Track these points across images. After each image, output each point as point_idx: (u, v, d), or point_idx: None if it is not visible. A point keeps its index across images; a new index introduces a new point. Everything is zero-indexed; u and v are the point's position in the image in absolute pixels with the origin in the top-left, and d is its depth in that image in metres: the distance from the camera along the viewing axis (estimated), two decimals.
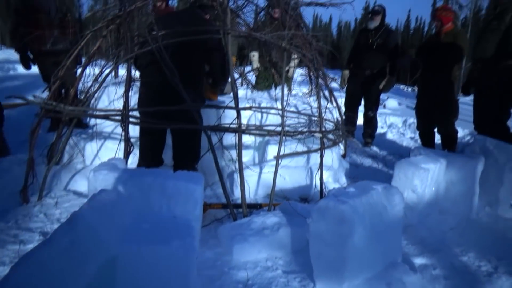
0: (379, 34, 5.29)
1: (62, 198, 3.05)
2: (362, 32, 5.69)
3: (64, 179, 3.38)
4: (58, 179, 3.37)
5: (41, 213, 2.74)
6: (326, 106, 3.19)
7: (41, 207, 2.83)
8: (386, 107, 9.89)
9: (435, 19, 4.69)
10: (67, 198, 3.05)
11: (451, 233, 2.73)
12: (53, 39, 4.44)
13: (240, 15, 3.80)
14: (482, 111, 4.03)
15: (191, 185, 1.95)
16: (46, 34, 4.36)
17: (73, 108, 2.59)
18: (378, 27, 5.32)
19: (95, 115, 2.67)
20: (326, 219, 1.84)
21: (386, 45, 5.26)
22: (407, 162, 2.82)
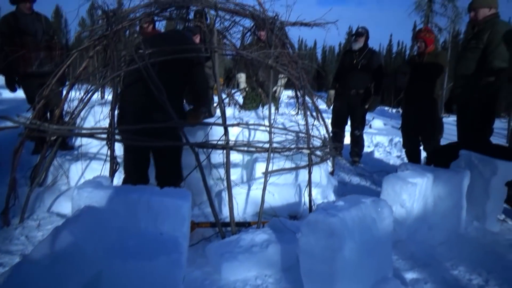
0: (363, 55, 5.44)
1: (45, 220, 2.96)
2: (347, 53, 5.85)
3: (48, 201, 3.29)
4: (41, 201, 3.28)
5: (22, 236, 2.65)
6: (313, 123, 3.21)
7: (23, 230, 2.74)
8: (372, 127, 10.03)
9: (418, 40, 4.84)
10: (50, 220, 2.97)
11: (440, 248, 2.73)
12: (39, 61, 4.42)
13: (227, 36, 3.85)
14: (465, 127, 4.12)
15: (178, 202, 1.91)
16: (32, 56, 4.34)
17: (58, 127, 2.55)
18: (362, 48, 5.48)
19: (81, 133, 2.63)
20: (316, 233, 1.82)
21: (370, 65, 5.41)
22: (395, 176, 2.84)
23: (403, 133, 5.17)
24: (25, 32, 4.32)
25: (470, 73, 3.93)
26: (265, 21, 3.06)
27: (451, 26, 15.86)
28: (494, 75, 3.69)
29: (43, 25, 4.51)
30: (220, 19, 3.54)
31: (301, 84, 2.97)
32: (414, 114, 4.87)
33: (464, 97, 4.00)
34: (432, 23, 16.25)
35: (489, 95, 3.74)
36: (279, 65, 2.83)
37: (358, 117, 5.62)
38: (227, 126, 2.53)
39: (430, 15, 16.25)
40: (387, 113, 17.70)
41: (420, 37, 4.80)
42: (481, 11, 3.94)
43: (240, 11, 3.12)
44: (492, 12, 3.91)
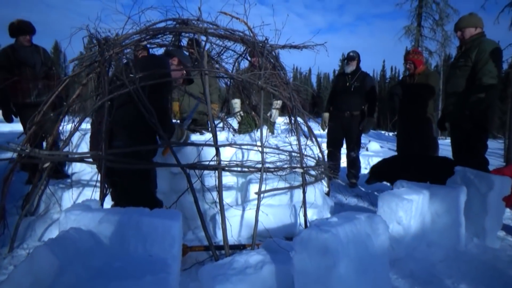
0: (356, 77, 5.54)
1: None
2: (340, 76, 5.93)
3: (39, 230, 3.22)
4: (32, 230, 3.21)
5: (10, 265, 2.57)
6: (306, 143, 3.21)
7: (12, 259, 2.67)
8: (368, 150, 10.03)
9: (407, 62, 4.96)
10: None
11: (440, 265, 2.66)
12: (37, 92, 4.47)
13: (219, 62, 3.90)
14: (459, 144, 4.12)
15: (168, 222, 1.87)
16: (30, 87, 4.42)
17: (49, 152, 2.53)
18: (354, 71, 5.58)
19: (71, 158, 2.61)
20: (309, 250, 1.77)
21: (363, 87, 5.48)
22: (390, 194, 2.81)
23: (399, 153, 5.19)
24: (24, 64, 4.40)
25: (460, 91, 3.99)
26: (255, 44, 3.11)
27: (441, 49, 16.21)
28: (484, 91, 3.73)
29: (42, 57, 4.59)
30: (211, 44, 3.61)
31: (292, 104, 2.99)
32: (409, 135, 4.91)
33: (455, 114, 4.03)
34: (422, 47, 16.61)
35: (480, 111, 3.76)
36: (269, 86, 2.85)
37: (353, 139, 5.63)
38: (219, 147, 2.52)
39: (420, 39, 16.63)
40: (384, 136, 17.80)
41: (409, 59, 4.94)
42: (467, 30, 4.04)
43: (230, 36, 3.18)
44: (478, 32, 4.01)
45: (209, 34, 3.10)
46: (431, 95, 4.89)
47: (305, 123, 3.35)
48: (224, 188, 3.40)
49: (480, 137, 3.92)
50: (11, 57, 4.35)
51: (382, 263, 2.03)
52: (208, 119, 5.44)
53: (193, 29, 3.01)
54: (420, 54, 5.14)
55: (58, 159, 2.58)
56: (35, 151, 2.52)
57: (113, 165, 2.38)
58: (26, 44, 4.46)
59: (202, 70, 2.67)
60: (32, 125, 2.81)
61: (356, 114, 5.56)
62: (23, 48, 4.41)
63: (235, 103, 5.33)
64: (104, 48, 2.94)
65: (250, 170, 2.68)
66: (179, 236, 1.96)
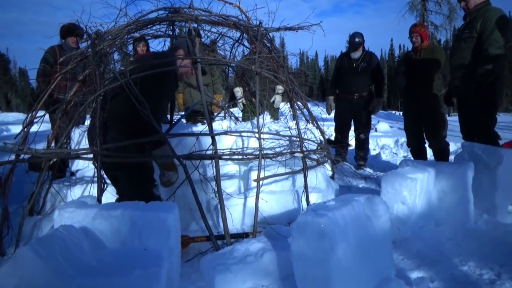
0: (362, 57, 5.41)
1: None
2: (344, 57, 5.71)
3: (45, 229, 3.23)
4: (38, 229, 3.23)
5: None
6: (306, 126, 3.14)
7: None
8: (377, 130, 9.88)
9: (413, 35, 4.73)
10: None
11: (448, 244, 2.59)
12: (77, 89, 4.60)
13: (214, 49, 3.84)
14: (467, 119, 4.00)
15: (162, 214, 1.85)
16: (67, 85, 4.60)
17: (45, 150, 2.53)
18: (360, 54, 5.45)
19: (66, 155, 2.60)
20: (306, 235, 1.73)
21: (369, 67, 5.37)
22: (394, 174, 2.73)
23: (407, 132, 5.06)
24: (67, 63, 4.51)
25: (466, 63, 3.85)
26: (248, 29, 3.03)
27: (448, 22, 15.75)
28: (491, 62, 3.59)
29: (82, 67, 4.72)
30: (205, 32, 3.54)
31: (289, 87, 2.92)
32: (416, 112, 4.76)
33: (462, 88, 3.89)
34: (427, 21, 16.17)
35: (488, 84, 3.62)
36: (264, 70, 2.78)
37: (362, 120, 5.51)
38: (214, 135, 2.47)
39: (425, 14, 16.19)
40: (394, 116, 17.51)
41: (415, 32, 4.69)
42: (471, 0, 3.87)
43: (223, 22, 3.10)
44: (483, 0, 3.84)
45: (201, 21, 3.03)
46: (437, 70, 4.72)
47: (304, 106, 3.27)
48: (226, 177, 3.38)
49: (489, 111, 3.79)
50: (57, 54, 4.59)
51: (384, 245, 1.98)
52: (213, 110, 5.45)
53: (184, 17, 2.94)
54: (424, 26, 4.94)
55: (53, 157, 2.56)
56: (30, 150, 2.51)
57: (107, 160, 2.36)
58: (73, 46, 4.72)
59: (194, 58, 2.61)
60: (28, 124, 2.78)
61: (365, 95, 5.44)
62: (69, 49, 4.62)
63: (237, 91, 5.28)
64: (95, 43, 2.90)
65: (248, 158, 2.63)
66: (175, 228, 1.94)
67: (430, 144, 4.86)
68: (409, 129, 4.98)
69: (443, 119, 4.74)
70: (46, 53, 4.60)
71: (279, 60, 2.98)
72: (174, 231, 1.91)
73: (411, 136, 4.96)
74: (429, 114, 4.65)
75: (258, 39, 3.01)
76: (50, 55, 4.58)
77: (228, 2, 3.46)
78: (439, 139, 4.70)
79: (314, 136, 3.37)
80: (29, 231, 3.15)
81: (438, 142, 4.72)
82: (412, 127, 4.90)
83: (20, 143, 2.76)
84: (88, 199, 2.11)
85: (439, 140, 4.71)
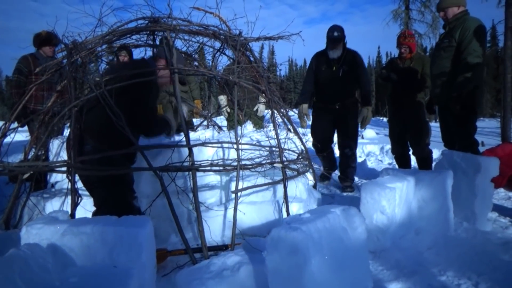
0: (343, 59, 4.43)
1: None
2: (320, 58, 4.63)
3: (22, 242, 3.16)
4: (14, 244, 3.15)
5: None
6: (286, 136, 3.13)
7: None
8: (364, 138, 9.94)
9: (402, 46, 4.74)
10: None
11: (428, 253, 2.59)
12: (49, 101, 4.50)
13: (196, 58, 3.82)
14: (448, 127, 4.04)
15: (133, 230, 1.80)
16: (44, 95, 4.47)
17: (18, 164, 2.47)
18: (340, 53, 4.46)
19: (40, 169, 2.54)
20: (279, 250, 1.70)
21: (352, 69, 4.43)
22: (373, 183, 2.73)
23: (391, 139, 5.08)
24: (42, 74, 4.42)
25: (446, 72, 3.90)
26: (228, 38, 3.02)
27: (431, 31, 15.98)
28: (470, 71, 3.63)
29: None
30: (185, 42, 3.52)
31: (268, 97, 2.91)
32: (400, 119, 4.78)
33: (443, 96, 3.94)
34: (411, 30, 16.40)
35: (468, 92, 3.67)
36: (243, 81, 2.76)
37: (348, 134, 4.56)
38: (191, 147, 2.44)
39: (409, 22, 16.42)
40: (381, 123, 17.67)
41: (405, 43, 4.71)
42: (449, 10, 3.94)
43: (202, 32, 3.09)
44: (461, 10, 3.91)
45: (179, 31, 3.01)
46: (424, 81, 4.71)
47: (285, 115, 3.26)
48: (207, 188, 3.35)
49: (469, 118, 3.83)
50: (31, 64, 4.50)
51: (361, 256, 1.96)
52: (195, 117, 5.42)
53: (162, 27, 2.92)
54: (413, 36, 4.94)
55: (26, 171, 2.50)
56: (3, 163, 2.45)
57: (82, 173, 2.31)
58: (49, 55, 4.63)
59: (172, 69, 2.59)
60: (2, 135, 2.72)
61: (349, 104, 4.56)
62: (44, 59, 4.55)
63: (221, 99, 5.26)
64: (72, 52, 2.86)
65: (226, 169, 2.60)
66: (148, 243, 1.89)
67: (413, 151, 4.89)
68: (393, 136, 5.00)
69: (426, 126, 4.77)
70: (19, 64, 4.49)
71: (259, 70, 2.97)
72: (147, 246, 1.87)
73: (395, 143, 4.98)
74: (413, 122, 4.68)
75: (237, 49, 3.00)
76: (23, 65, 4.49)
77: (208, 12, 3.45)
78: (422, 147, 4.73)
79: (295, 145, 3.36)
80: (3, 246, 3.07)
81: (421, 149, 4.75)
82: (396, 134, 4.91)
83: None
84: (59, 214, 2.05)
85: (422, 147, 4.73)
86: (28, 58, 4.56)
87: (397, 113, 4.88)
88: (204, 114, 4.93)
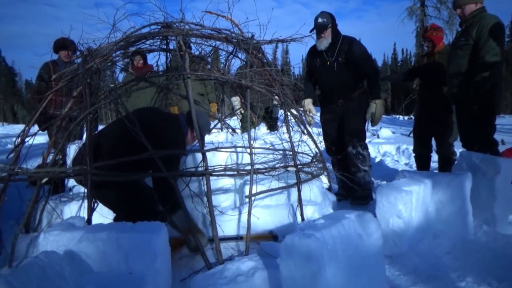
0: (337, 50, 3.86)
1: None
2: (313, 52, 4.09)
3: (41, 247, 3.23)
4: (34, 247, 3.21)
5: None
6: (300, 138, 3.11)
7: None
8: (379, 137, 9.81)
9: (425, 40, 4.63)
10: None
11: (446, 258, 2.54)
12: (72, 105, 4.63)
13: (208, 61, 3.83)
14: (466, 127, 3.95)
15: (148, 236, 1.82)
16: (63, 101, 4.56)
17: (35, 170, 2.52)
18: (332, 43, 3.87)
19: (56, 175, 2.58)
20: (293, 257, 1.69)
21: (351, 59, 3.87)
22: (389, 186, 2.69)
23: (414, 138, 4.95)
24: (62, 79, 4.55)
25: (463, 71, 3.81)
26: (240, 42, 3.02)
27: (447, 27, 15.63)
28: (487, 70, 3.54)
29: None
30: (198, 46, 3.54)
31: (281, 100, 2.89)
32: (425, 118, 4.65)
33: (460, 96, 3.85)
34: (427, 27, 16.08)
35: (485, 91, 3.58)
36: (255, 84, 2.76)
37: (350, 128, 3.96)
38: (205, 152, 2.45)
39: (424, 19, 16.11)
40: (398, 121, 17.38)
41: (426, 37, 4.57)
42: (467, 7, 3.84)
43: (214, 36, 3.09)
44: (479, 7, 3.81)
45: (191, 36, 3.02)
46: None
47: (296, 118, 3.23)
48: (221, 191, 3.35)
49: (487, 118, 3.74)
50: (51, 70, 4.62)
51: (376, 263, 1.94)
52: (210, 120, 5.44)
53: (174, 32, 2.93)
54: (440, 29, 4.68)
55: (43, 177, 2.55)
56: (22, 169, 2.51)
57: (97, 179, 2.35)
58: (65, 60, 4.73)
59: (184, 74, 2.60)
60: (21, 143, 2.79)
61: (353, 97, 3.97)
62: (63, 64, 4.66)
63: (235, 101, 5.27)
64: (87, 59, 2.90)
65: (239, 174, 2.60)
66: (162, 249, 1.91)
67: (437, 150, 4.77)
68: (416, 135, 4.87)
69: (450, 127, 4.64)
70: (40, 70, 4.62)
71: (272, 73, 2.96)
72: (161, 253, 1.88)
73: (418, 142, 4.86)
74: (442, 121, 4.54)
75: (249, 52, 3.00)
76: (44, 72, 4.61)
77: (221, 15, 3.46)
78: (445, 147, 4.64)
79: (309, 148, 3.33)
80: (24, 249, 3.14)
81: (444, 150, 4.66)
82: (419, 134, 4.81)
83: (12, 162, 2.75)
84: (76, 220, 2.09)
85: (444, 148, 4.65)
86: (49, 64, 4.68)
87: (422, 111, 4.75)
88: (218, 117, 4.94)
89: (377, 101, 3.93)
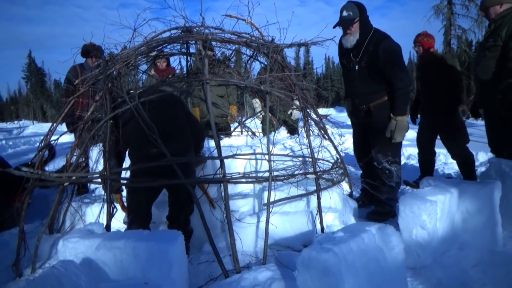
0: (363, 49, 3.37)
1: None
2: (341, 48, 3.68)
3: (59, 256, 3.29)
4: (55, 251, 3.29)
5: None
6: (320, 143, 3.05)
7: None
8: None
9: (416, 44, 4.65)
10: None
11: (473, 271, 2.42)
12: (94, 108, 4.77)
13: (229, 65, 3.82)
14: (495, 132, 3.80)
15: (163, 245, 1.81)
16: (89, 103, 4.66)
17: (58, 174, 2.56)
18: (359, 41, 3.39)
19: (77, 180, 2.62)
20: (310, 271, 1.64)
21: (375, 63, 3.34)
22: (412, 196, 2.59)
23: (419, 144, 4.97)
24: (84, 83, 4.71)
25: (491, 73, 3.66)
26: (259, 46, 2.98)
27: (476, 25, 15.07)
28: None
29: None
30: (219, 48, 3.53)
31: (302, 105, 2.84)
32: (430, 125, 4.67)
33: (488, 99, 3.70)
34: (454, 25, 15.59)
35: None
36: (274, 90, 2.72)
37: (376, 143, 3.57)
38: (223, 159, 2.43)
39: (452, 17, 15.58)
40: None
41: (418, 41, 4.62)
42: (491, 9, 3.71)
43: (233, 41, 3.07)
44: (506, 7, 3.65)
45: (211, 40, 3.01)
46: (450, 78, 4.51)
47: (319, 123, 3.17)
48: (240, 196, 3.33)
49: None
50: (79, 74, 4.74)
51: (398, 278, 1.87)
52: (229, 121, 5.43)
53: (194, 37, 2.93)
54: (431, 37, 4.72)
55: (65, 181, 2.59)
56: (45, 174, 2.56)
57: (118, 185, 2.37)
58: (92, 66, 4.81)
59: (203, 80, 2.59)
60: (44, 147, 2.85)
61: (377, 106, 3.45)
62: (89, 69, 4.77)
63: (256, 102, 5.24)
64: (108, 65, 2.94)
65: (258, 181, 2.57)
66: (179, 258, 1.90)
67: (452, 156, 4.71)
68: (419, 142, 4.94)
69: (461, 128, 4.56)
70: (68, 73, 4.76)
71: (292, 77, 2.91)
72: (177, 262, 1.87)
73: (421, 149, 4.92)
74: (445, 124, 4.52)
75: (269, 56, 2.96)
76: (72, 75, 4.73)
77: (241, 19, 3.43)
78: (458, 151, 4.52)
79: (330, 153, 3.27)
80: (47, 250, 3.21)
81: (458, 154, 4.55)
82: (422, 141, 4.85)
83: (36, 166, 2.81)
84: (95, 227, 2.11)
85: (457, 151, 4.53)
86: (77, 68, 4.82)
87: (423, 118, 4.81)
88: (237, 120, 4.92)
89: (399, 118, 3.33)
